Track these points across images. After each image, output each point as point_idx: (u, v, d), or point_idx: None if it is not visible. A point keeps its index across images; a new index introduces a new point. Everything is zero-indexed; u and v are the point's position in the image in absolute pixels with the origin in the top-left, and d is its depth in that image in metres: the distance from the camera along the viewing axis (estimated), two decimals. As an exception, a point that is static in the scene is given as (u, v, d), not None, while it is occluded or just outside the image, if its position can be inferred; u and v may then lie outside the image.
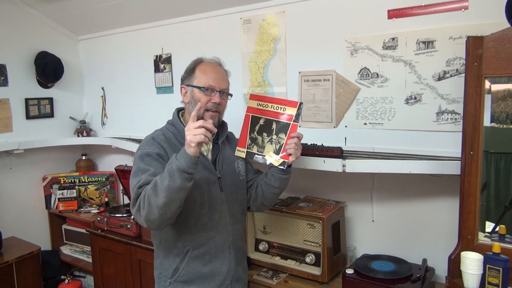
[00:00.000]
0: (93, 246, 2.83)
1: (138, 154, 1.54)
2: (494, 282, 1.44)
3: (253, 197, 1.73)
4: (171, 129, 1.63)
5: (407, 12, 1.88)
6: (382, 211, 2.11)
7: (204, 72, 1.59)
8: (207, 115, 1.56)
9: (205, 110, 1.55)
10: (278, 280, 2.01)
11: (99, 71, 3.38)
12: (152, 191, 1.34)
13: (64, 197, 3.20)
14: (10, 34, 3.02)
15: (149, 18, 2.87)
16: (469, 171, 1.53)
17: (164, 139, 1.57)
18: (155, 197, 1.33)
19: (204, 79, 1.57)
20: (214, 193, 1.59)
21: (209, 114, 1.56)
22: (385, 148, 2.00)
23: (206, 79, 1.57)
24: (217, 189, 1.60)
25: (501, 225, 1.62)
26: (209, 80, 1.57)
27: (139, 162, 1.50)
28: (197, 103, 1.50)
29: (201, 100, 1.54)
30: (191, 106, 1.58)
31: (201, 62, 1.63)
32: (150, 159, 1.50)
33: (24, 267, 2.74)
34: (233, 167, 1.69)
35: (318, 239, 1.98)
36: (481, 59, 1.48)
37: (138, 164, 1.50)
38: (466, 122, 1.53)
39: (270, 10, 2.31)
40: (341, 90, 2.11)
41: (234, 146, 1.74)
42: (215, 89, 1.57)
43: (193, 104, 1.56)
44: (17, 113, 3.09)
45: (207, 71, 1.59)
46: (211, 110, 1.56)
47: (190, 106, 1.59)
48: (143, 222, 1.42)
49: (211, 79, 1.57)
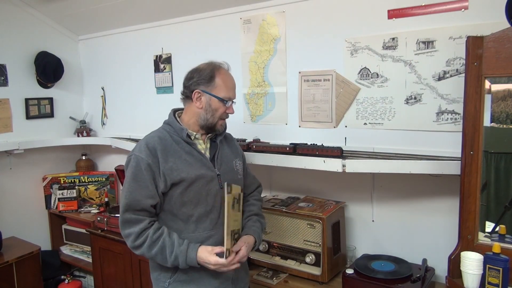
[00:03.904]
0: (93, 246, 2.83)
1: (132, 164, 1.54)
2: (494, 282, 1.44)
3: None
4: (167, 128, 1.63)
5: (407, 12, 1.88)
6: (382, 211, 2.11)
7: (225, 82, 1.60)
8: (220, 122, 1.63)
9: (219, 119, 1.62)
10: (278, 280, 2.01)
11: (99, 71, 3.38)
12: (156, 254, 1.51)
13: (64, 197, 3.20)
14: (10, 34, 3.02)
15: (149, 18, 2.87)
16: (469, 171, 1.53)
17: (158, 141, 1.57)
18: (154, 255, 1.51)
19: (226, 90, 1.59)
20: (213, 191, 1.60)
21: (222, 122, 1.65)
22: (385, 148, 2.00)
23: (227, 90, 1.60)
24: (217, 186, 1.61)
25: (501, 225, 1.62)
26: (230, 92, 1.61)
27: (132, 182, 1.53)
28: (213, 112, 1.59)
29: (218, 110, 1.60)
30: (204, 112, 1.59)
31: (219, 69, 1.62)
32: (141, 175, 1.52)
33: (24, 267, 2.74)
34: (231, 165, 1.70)
35: (318, 239, 1.98)
36: (481, 59, 1.48)
37: (130, 183, 1.53)
38: (466, 122, 1.53)
39: (270, 10, 2.31)
40: (341, 90, 2.11)
41: (232, 146, 1.77)
42: (232, 100, 1.63)
43: (208, 111, 1.59)
44: (17, 113, 3.09)
45: (227, 81, 1.61)
46: (223, 119, 1.65)
47: (203, 112, 1.60)
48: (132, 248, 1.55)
49: (231, 91, 1.62)
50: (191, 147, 1.59)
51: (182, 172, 1.54)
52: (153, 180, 1.52)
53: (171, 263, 1.51)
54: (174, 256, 1.50)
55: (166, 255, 1.50)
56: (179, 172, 1.53)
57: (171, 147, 1.57)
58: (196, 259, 1.49)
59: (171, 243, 1.51)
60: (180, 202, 1.55)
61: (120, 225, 1.54)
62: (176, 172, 1.53)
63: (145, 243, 1.50)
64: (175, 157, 1.55)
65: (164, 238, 1.51)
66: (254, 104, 2.46)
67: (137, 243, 1.51)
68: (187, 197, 1.55)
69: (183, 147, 1.58)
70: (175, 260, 1.50)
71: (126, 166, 1.58)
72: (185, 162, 1.56)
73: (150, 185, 1.51)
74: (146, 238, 1.50)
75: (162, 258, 1.51)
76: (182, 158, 1.56)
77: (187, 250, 1.50)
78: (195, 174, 1.55)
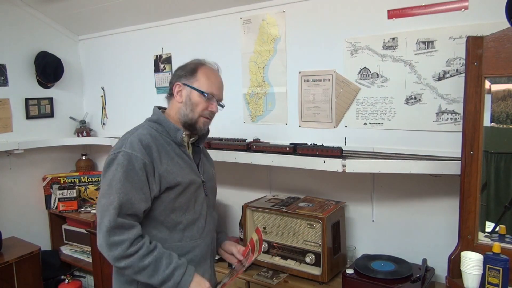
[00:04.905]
0: (93, 246, 2.83)
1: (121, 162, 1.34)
2: (494, 282, 1.44)
3: None
4: (155, 127, 1.48)
5: (407, 12, 1.88)
6: (382, 211, 2.11)
7: (208, 77, 1.49)
8: (202, 120, 1.49)
9: (200, 116, 1.49)
10: (278, 280, 2.01)
11: (99, 71, 3.38)
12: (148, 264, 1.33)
13: (64, 197, 3.20)
14: (10, 34, 3.02)
15: (149, 18, 2.87)
16: (469, 171, 1.53)
17: (151, 139, 1.42)
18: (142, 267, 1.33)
19: (207, 85, 1.48)
20: (200, 198, 1.52)
21: (204, 120, 1.50)
22: (385, 148, 2.00)
23: (209, 85, 1.48)
24: (202, 194, 1.53)
25: (501, 225, 1.62)
26: (213, 87, 1.49)
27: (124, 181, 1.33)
28: (192, 106, 1.46)
29: (199, 105, 1.47)
30: (184, 107, 1.48)
31: (203, 65, 1.52)
32: (135, 175, 1.34)
33: (24, 267, 2.74)
34: (211, 173, 1.63)
35: (318, 239, 1.98)
36: (481, 59, 1.48)
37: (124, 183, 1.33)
38: (466, 122, 1.53)
39: (270, 10, 2.31)
40: (341, 90, 2.11)
41: (207, 154, 1.69)
42: (215, 98, 1.50)
43: (188, 105, 1.47)
44: (17, 113, 3.09)
45: (211, 77, 1.50)
46: (206, 117, 1.50)
47: (183, 107, 1.48)
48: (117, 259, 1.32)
49: (214, 86, 1.50)
50: (181, 150, 1.48)
51: (177, 175, 1.42)
52: (147, 182, 1.37)
53: (161, 278, 1.34)
54: (172, 268, 1.35)
55: (160, 267, 1.34)
56: (175, 175, 1.42)
57: (162, 148, 1.43)
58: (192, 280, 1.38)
59: (169, 254, 1.38)
60: (170, 208, 1.43)
61: (107, 232, 1.30)
62: (172, 175, 1.41)
63: (139, 252, 1.32)
64: (168, 158, 1.43)
65: (160, 248, 1.37)
66: (254, 104, 2.46)
67: (129, 251, 1.31)
68: (179, 203, 1.44)
69: (173, 148, 1.46)
70: (171, 273, 1.34)
71: (109, 164, 1.36)
72: (177, 165, 1.44)
73: (145, 187, 1.36)
74: (141, 246, 1.33)
75: (152, 270, 1.33)
76: (175, 161, 1.44)
77: (187, 265, 1.40)
78: (188, 179, 1.45)
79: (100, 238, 1.32)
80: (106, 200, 1.33)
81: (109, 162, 1.37)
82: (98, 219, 1.35)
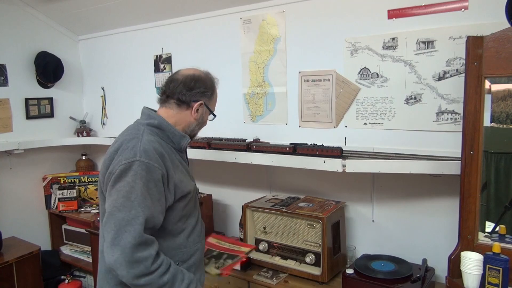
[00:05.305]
0: (93, 246, 2.82)
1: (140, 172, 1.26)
2: (494, 282, 1.44)
3: None
4: (156, 132, 1.41)
5: (407, 12, 1.88)
6: (382, 211, 2.11)
7: (216, 98, 1.56)
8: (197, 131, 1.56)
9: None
10: (278, 280, 2.01)
11: (99, 71, 3.38)
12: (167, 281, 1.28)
13: (64, 197, 3.20)
14: (10, 34, 3.02)
15: (149, 18, 2.87)
16: (469, 171, 1.53)
17: (160, 147, 1.37)
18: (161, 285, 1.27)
19: (215, 105, 1.56)
20: (197, 203, 1.54)
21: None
22: (385, 148, 2.00)
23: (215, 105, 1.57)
24: (198, 199, 1.56)
25: (501, 225, 1.62)
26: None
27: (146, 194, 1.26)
28: (202, 124, 1.52)
29: (206, 122, 1.54)
30: (195, 123, 1.49)
31: (216, 84, 1.55)
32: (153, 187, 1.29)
33: (24, 267, 2.74)
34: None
35: (318, 239, 1.98)
36: (481, 59, 1.48)
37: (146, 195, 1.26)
38: (466, 122, 1.53)
39: (270, 10, 2.31)
40: (341, 90, 2.11)
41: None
42: None
43: (199, 123, 1.50)
44: (17, 113, 3.09)
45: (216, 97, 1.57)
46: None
47: (194, 123, 1.49)
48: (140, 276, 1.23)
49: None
50: (180, 157, 1.47)
51: (187, 184, 1.41)
52: (164, 193, 1.32)
53: None
54: (186, 284, 1.32)
55: (175, 283, 1.30)
56: (185, 183, 1.40)
57: (170, 156, 1.39)
58: None
59: (180, 270, 1.35)
60: (179, 216, 1.40)
61: (131, 248, 1.20)
62: (183, 184, 1.39)
63: (160, 268, 1.26)
64: (176, 167, 1.39)
65: (172, 263, 1.33)
66: (254, 104, 2.46)
67: (152, 268, 1.24)
68: (186, 210, 1.43)
69: (175, 155, 1.43)
70: None
71: (122, 174, 1.27)
72: (183, 173, 1.43)
73: (162, 198, 1.32)
74: (162, 261, 1.28)
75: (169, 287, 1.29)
76: (180, 169, 1.41)
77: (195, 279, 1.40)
78: (192, 185, 1.47)
79: (116, 255, 1.20)
80: (125, 215, 1.23)
81: (122, 172, 1.27)
82: (111, 233, 1.22)
